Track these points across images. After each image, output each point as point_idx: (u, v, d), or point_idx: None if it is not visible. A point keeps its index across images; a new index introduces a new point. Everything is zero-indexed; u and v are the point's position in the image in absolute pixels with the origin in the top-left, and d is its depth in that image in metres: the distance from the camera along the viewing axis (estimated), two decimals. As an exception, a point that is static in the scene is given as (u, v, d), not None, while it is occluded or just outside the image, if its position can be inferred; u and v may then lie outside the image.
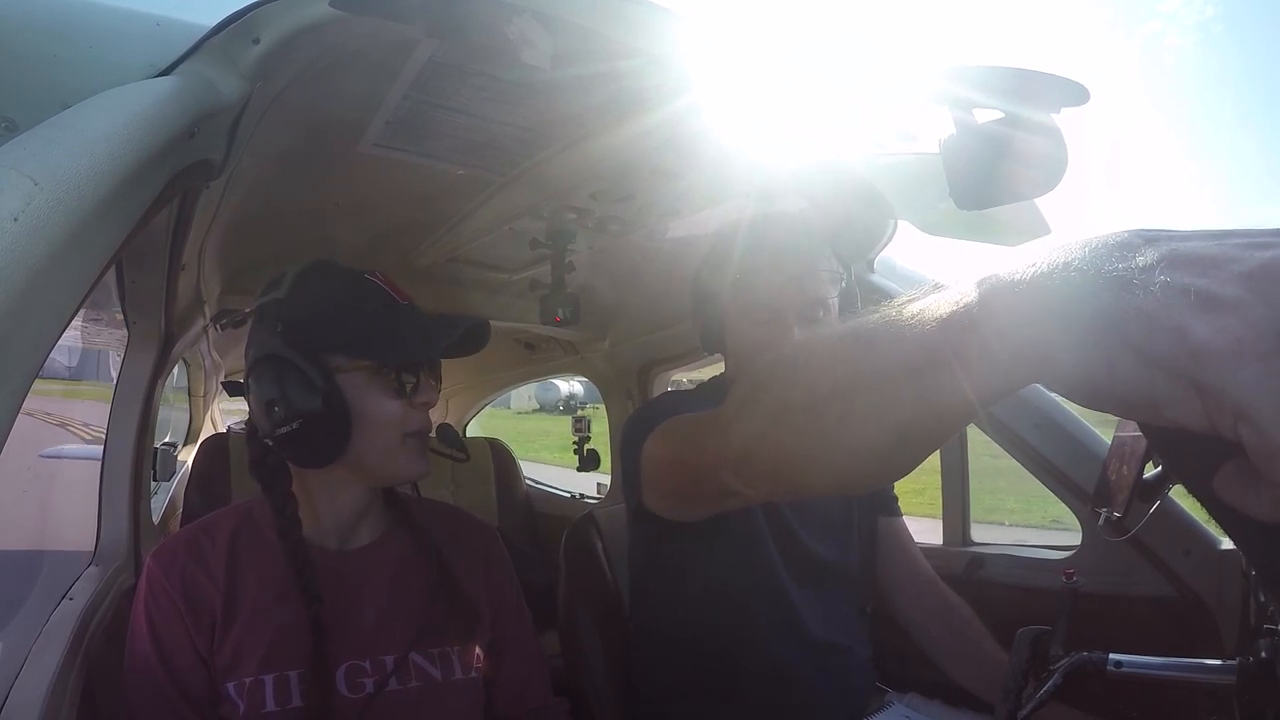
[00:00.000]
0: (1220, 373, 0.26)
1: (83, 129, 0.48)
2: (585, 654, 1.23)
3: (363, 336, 0.83)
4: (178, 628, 0.80)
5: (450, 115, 0.95)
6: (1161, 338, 0.27)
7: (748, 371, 0.64)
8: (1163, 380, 0.28)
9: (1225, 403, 0.26)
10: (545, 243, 1.40)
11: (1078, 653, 0.78)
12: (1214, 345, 0.26)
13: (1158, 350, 0.27)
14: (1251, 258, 0.27)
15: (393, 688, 0.84)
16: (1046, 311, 0.31)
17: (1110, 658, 0.77)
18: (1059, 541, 1.40)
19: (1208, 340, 0.26)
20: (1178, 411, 0.28)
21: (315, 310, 0.84)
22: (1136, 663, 0.77)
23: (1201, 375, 0.26)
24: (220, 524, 0.88)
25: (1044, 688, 0.78)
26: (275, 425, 0.81)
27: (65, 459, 3.42)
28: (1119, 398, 0.29)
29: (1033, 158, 0.70)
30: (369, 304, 0.85)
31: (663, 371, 2.09)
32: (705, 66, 0.77)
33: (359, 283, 0.86)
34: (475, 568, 0.97)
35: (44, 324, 0.43)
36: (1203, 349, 0.26)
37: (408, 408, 0.85)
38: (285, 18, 0.67)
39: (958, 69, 0.69)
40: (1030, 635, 0.82)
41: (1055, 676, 0.78)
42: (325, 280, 0.87)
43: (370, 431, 0.82)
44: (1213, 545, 1.06)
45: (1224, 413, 0.26)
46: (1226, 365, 0.26)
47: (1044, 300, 0.31)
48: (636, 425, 0.97)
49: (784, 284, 1.01)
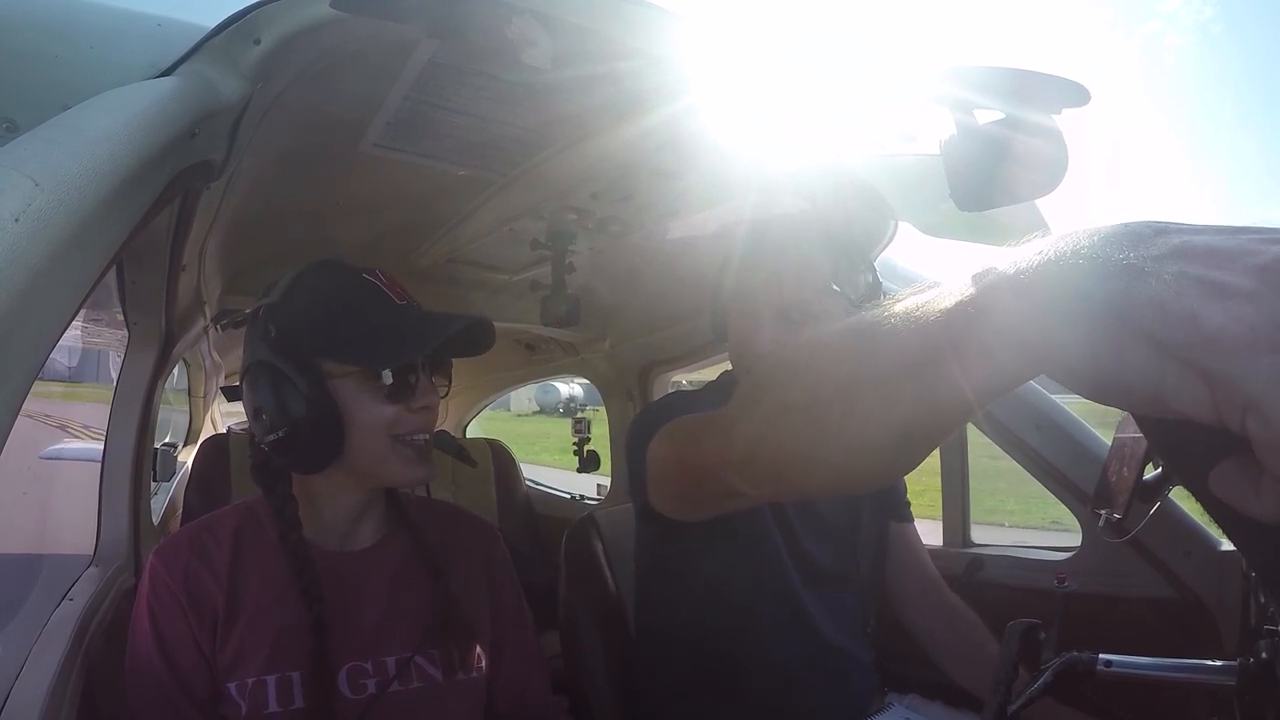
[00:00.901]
0: (1233, 362, 0.26)
1: (83, 129, 0.48)
2: (585, 654, 1.23)
3: (352, 340, 0.81)
4: (180, 625, 0.80)
5: (450, 116, 0.95)
6: (1175, 324, 0.27)
7: (748, 371, 0.64)
8: (1173, 369, 0.27)
9: (1235, 394, 0.26)
10: (545, 243, 1.40)
11: (1069, 652, 0.79)
12: (1228, 334, 0.26)
13: (1170, 337, 0.27)
14: (1267, 251, 0.27)
15: (395, 689, 0.85)
16: (1053, 300, 0.31)
17: (1100, 657, 0.77)
18: (1059, 543, 1.40)
19: (1222, 328, 0.26)
20: (1185, 403, 0.27)
21: (307, 315, 0.83)
22: (1127, 663, 0.77)
23: (1213, 364, 0.26)
24: (223, 522, 0.88)
25: (1034, 685, 0.79)
26: (265, 432, 0.81)
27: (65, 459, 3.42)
28: (1126, 387, 0.29)
29: (1033, 159, 0.70)
30: (364, 306, 0.83)
31: (663, 372, 2.09)
32: (705, 67, 0.77)
33: (356, 284, 0.84)
34: (476, 567, 0.97)
35: (44, 324, 0.43)
36: (1216, 337, 0.26)
37: (404, 411, 0.83)
38: (286, 18, 0.67)
39: (958, 69, 0.69)
40: (1020, 628, 0.82)
41: (1046, 675, 0.78)
42: (321, 282, 0.85)
43: (361, 437, 0.82)
44: (1213, 547, 1.06)
45: (1233, 404, 0.26)
46: (1240, 355, 0.25)
47: (1051, 288, 0.31)
48: (643, 425, 0.97)
49: (765, 280, 1.02)
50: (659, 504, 0.95)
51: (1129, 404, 0.30)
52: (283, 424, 0.79)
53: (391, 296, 0.84)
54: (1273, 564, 0.34)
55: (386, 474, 0.86)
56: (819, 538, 1.11)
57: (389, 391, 0.82)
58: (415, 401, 0.83)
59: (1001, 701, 0.77)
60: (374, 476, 0.87)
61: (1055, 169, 0.71)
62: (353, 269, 0.86)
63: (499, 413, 19.83)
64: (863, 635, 1.14)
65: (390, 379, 0.81)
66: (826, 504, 1.13)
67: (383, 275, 0.86)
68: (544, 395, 24.09)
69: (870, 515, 1.17)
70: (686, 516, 0.93)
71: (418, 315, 0.85)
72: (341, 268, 0.87)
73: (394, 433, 0.83)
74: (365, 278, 0.85)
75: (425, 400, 0.84)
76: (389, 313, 0.83)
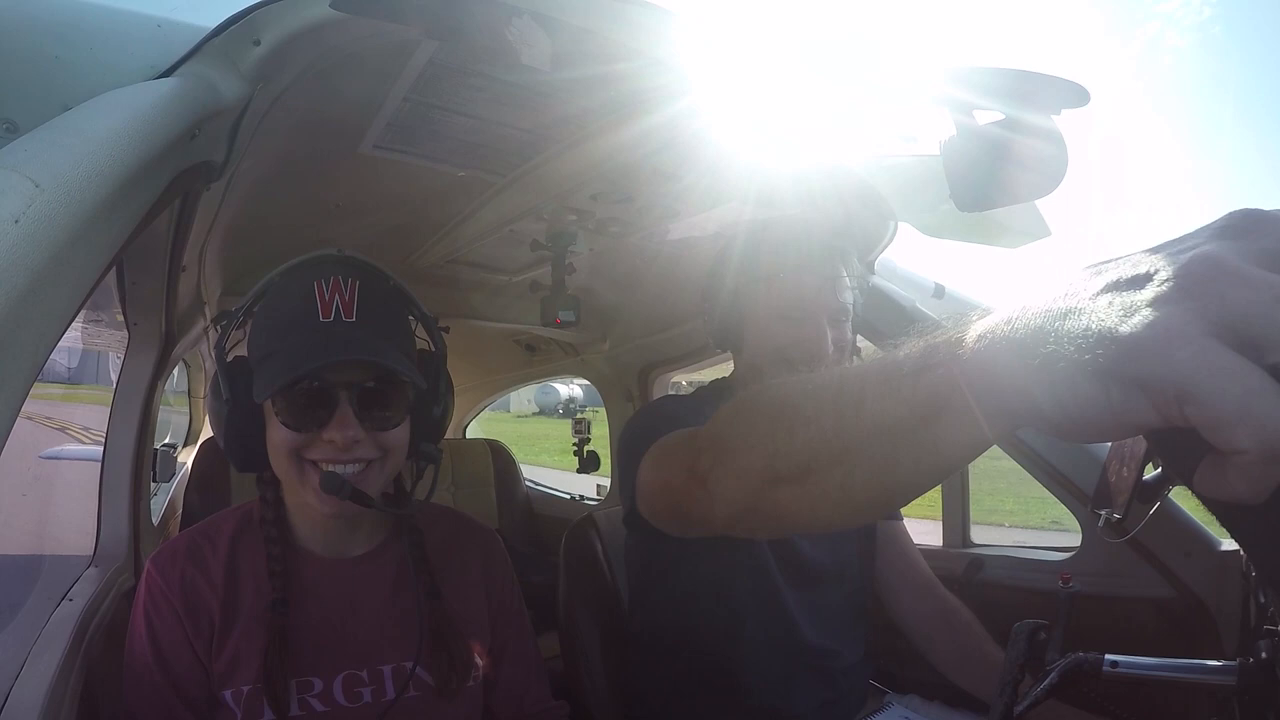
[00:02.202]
0: (1154, 363, 0.28)
1: (84, 131, 0.48)
2: (584, 655, 1.23)
3: (261, 361, 0.80)
4: (176, 632, 0.80)
5: (450, 117, 0.95)
6: (1100, 347, 0.29)
7: (713, 421, 0.65)
8: (1116, 389, 0.29)
9: (1167, 391, 0.28)
10: (545, 244, 1.40)
11: (1074, 653, 0.79)
12: (1143, 339, 0.28)
13: (1100, 361, 0.29)
14: (1175, 260, 0.29)
15: (390, 697, 0.84)
16: (1018, 358, 0.33)
17: (1106, 658, 0.77)
18: (1059, 543, 1.40)
19: (1137, 337, 0.28)
20: (1135, 415, 0.29)
21: (250, 329, 0.84)
22: (1132, 663, 0.77)
23: (1139, 370, 0.28)
24: (221, 528, 0.88)
25: (1040, 686, 0.78)
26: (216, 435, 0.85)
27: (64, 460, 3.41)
28: (1091, 420, 0.31)
29: (1033, 159, 0.70)
30: (292, 323, 0.79)
31: (663, 373, 2.09)
32: (704, 68, 0.77)
33: (300, 295, 0.79)
34: (475, 572, 0.97)
35: (45, 325, 0.43)
36: (1134, 345, 0.28)
37: (316, 438, 0.78)
38: (286, 19, 0.67)
39: (958, 70, 0.69)
40: (1027, 629, 0.82)
41: (1052, 675, 0.78)
42: (275, 294, 0.83)
43: (272, 455, 0.81)
44: (1213, 547, 1.06)
45: (1169, 402, 0.28)
46: (1158, 354, 0.28)
47: (1013, 349, 0.34)
48: (633, 437, 0.96)
49: (820, 285, 1.03)
50: (648, 517, 0.95)
51: (1100, 435, 0.32)
52: (217, 429, 0.83)
53: (318, 312, 0.78)
54: (1269, 549, 0.34)
55: (301, 497, 0.83)
56: (809, 538, 1.11)
57: (284, 416, 0.78)
58: (326, 431, 0.78)
59: (1008, 703, 0.77)
60: (297, 499, 0.86)
61: (1055, 169, 0.71)
62: (309, 276, 0.80)
63: (499, 413, 19.81)
64: (852, 634, 1.14)
65: (281, 403, 0.78)
66: None
67: (329, 284, 0.79)
68: (544, 396, 24.08)
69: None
70: (675, 533, 0.94)
71: (324, 340, 0.77)
72: (302, 273, 0.82)
73: (306, 457, 0.79)
74: (313, 285, 0.79)
75: (334, 433, 0.77)
76: (305, 332, 0.78)
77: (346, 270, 0.82)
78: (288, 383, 0.76)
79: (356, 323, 0.79)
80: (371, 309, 0.81)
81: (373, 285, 0.83)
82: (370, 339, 0.79)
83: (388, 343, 0.80)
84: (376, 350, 0.78)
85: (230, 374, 0.81)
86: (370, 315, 0.80)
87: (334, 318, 0.78)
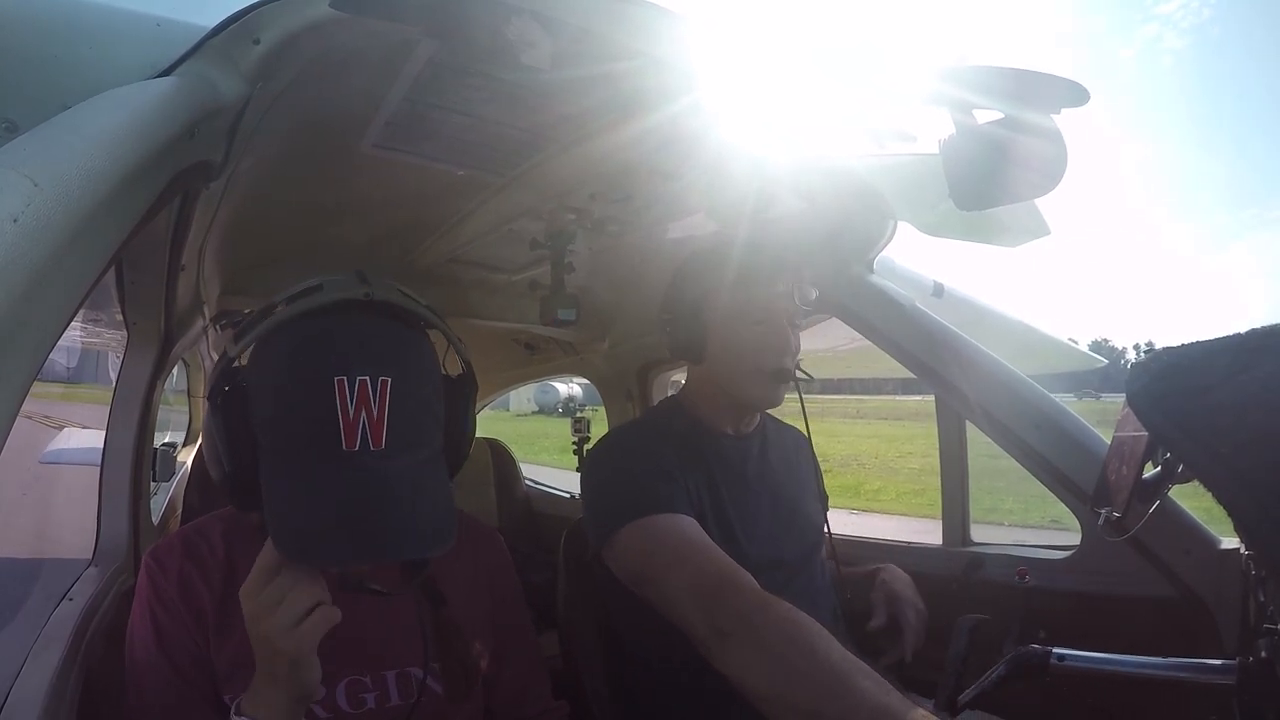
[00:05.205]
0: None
1: (83, 130, 0.48)
2: (584, 654, 1.23)
3: (273, 477, 0.69)
4: (177, 620, 0.80)
5: (450, 116, 0.95)
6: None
7: (757, 627, 0.79)
8: None
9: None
10: (545, 243, 1.40)
11: (1023, 645, 0.81)
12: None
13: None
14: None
15: (394, 702, 0.84)
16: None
17: (1054, 651, 0.80)
18: (1058, 542, 1.40)
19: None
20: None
21: (255, 384, 0.70)
22: (1080, 657, 0.79)
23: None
24: (215, 528, 0.87)
25: (989, 676, 0.81)
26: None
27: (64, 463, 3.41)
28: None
29: (1032, 159, 0.71)
30: (308, 438, 0.67)
31: (662, 372, 2.09)
32: (703, 68, 0.77)
33: (315, 383, 0.66)
34: (476, 574, 0.97)
35: (44, 325, 0.43)
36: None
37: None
38: (285, 18, 0.67)
39: (957, 70, 0.69)
40: (969, 624, 0.86)
41: (1000, 667, 0.81)
42: (284, 358, 0.69)
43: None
44: (1213, 545, 1.06)
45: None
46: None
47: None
48: (605, 494, 1.01)
49: (784, 290, 1.03)
50: (620, 578, 0.98)
51: None
52: (215, 471, 0.73)
53: (341, 435, 0.66)
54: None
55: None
56: (776, 528, 1.11)
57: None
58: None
59: (950, 693, 0.82)
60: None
61: (1054, 169, 0.71)
62: (327, 353, 0.67)
63: (499, 412, 19.78)
64: (831, 618, 1.13)
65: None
66: (771, 497, 1.13)
67: (355, 391, 0.66)
68: (543, 395, 24.08)
69: (810, 500, 1.20)
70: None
71: (349, 492, 0.66)
72: (320, 340, 0.68)
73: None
74: (334, 383, 0.65)
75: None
76: (324, 465, 0.67)
77: (375, 355, 0.68)
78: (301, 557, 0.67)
79: (387, 452, 0.67)
80: (403, 410, 0.68)
81: (406, 367, 0.70)
82: (402, 477, 0.68)
83: (423, 450, 0.72)
84: (422, 540, 0.69)
85: (232, 440, 0.70)
86: (403, 427, 0.68)
87: (360, 445, 0.66)
